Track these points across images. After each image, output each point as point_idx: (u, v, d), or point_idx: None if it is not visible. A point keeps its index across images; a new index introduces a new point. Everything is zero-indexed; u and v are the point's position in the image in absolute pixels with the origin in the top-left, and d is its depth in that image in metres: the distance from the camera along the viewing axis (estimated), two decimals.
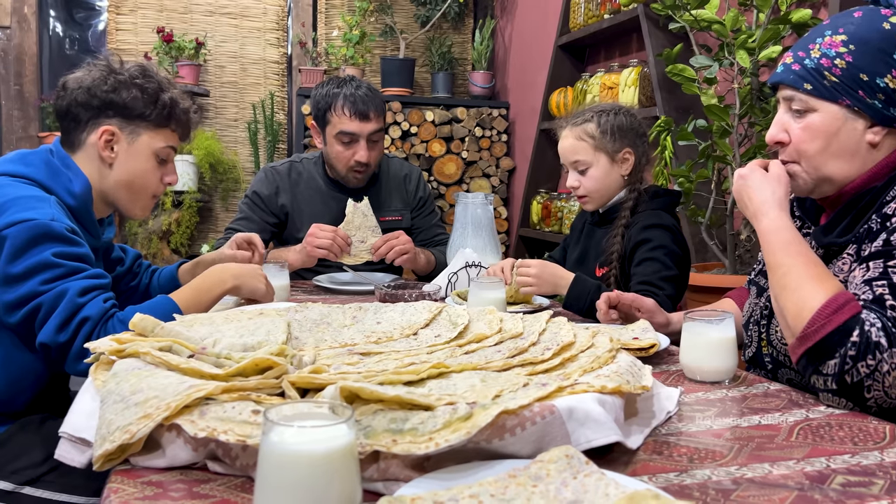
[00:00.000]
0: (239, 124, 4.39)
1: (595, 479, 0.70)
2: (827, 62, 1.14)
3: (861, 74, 1.12)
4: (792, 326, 1.06)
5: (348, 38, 4.07)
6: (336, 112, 2.20)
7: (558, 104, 3.43)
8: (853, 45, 1.13)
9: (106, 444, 0.77)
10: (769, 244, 1.14)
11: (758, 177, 1.19)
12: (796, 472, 0.79)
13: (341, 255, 2.07)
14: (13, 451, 1.34)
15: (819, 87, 1.15)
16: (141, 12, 4.18)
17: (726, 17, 2.18)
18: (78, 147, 1.52)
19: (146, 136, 1.54)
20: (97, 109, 1.50)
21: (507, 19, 4.37)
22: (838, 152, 1.16)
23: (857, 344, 0.99)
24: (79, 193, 1.47)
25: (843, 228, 1.18)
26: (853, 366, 1.00)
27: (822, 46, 1.16)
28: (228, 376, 0.86)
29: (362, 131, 2.20)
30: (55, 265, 1.32)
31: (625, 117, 1.85)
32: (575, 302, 1.66)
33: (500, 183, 4.23)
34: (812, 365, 1.04)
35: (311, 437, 0.62)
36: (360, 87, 2.23)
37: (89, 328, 1.30)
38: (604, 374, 0.90)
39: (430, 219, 2.48)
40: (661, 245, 1.74)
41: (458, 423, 0.74)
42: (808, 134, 1.17)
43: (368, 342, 1.11)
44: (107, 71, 1.52)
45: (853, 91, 1.13)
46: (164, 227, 3.94)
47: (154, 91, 1.54)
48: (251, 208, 2.31)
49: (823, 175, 1.18)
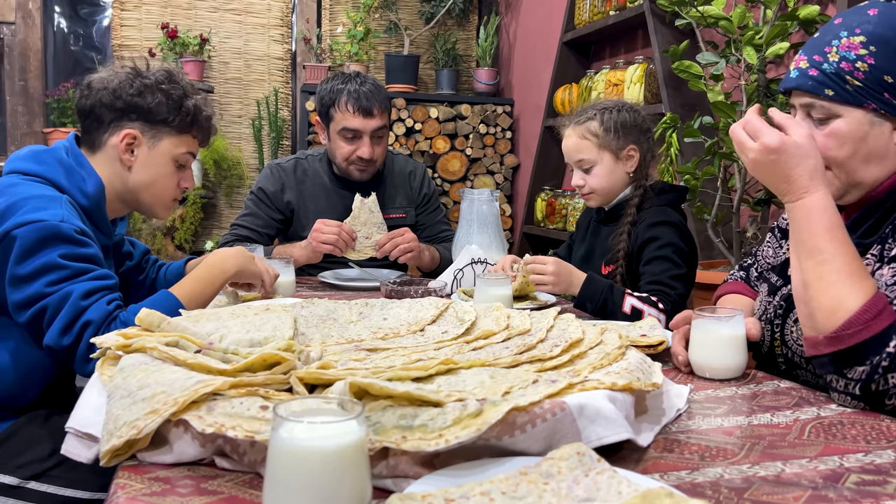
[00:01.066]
0: (243, 121, 4.38)
1: (607, 476, 0.69)
2: (848, 66, 1.09)
3: (885, 77, 1.07)
4: (821, 322, 1.00)
5: (352, 35, 4.06)
6: (339, 108, 2.19)
7: (563, 101, 3.42)
8: (874, 46, 1.08)
9: (113, 439, 0.76)
10: (812, 224, 1.03)
11: (792, 147, 1.05)
12: (809, 470, 0.78)
13: (346, 251, 2.07)
14: (19, 445, 1.34)
15: (842, 93, 1.10)
16: (145, 8, 4.17)
17: (733, 14, 2.17)
18: (98, 147, 1.53)
19: (167, 142, 1.55)
20: (121, 112, 1.51)
21: (511, 16, 4.35)
22: (868, 157, 1.11)
23: (893, 355, 0.96)
24: (91, 193, 1.47)
25: (869, 228, 1.14)
26: (883, 375, 0.96)
27: (841, 49, 1.10)
28: (236, 371, 0.85)
29: (365, 128, 2.19)
30: (61, 266, 1.32)
31: (628, 114, 1.83)
32: (588, 301, 1.65)
33: (505, 180, 4.22)
34: (836, 366, 1.00)
35: (322, 433, 0.62)
36: (364, 82, 2.21)
37: (92, 331, 1.29)
38: (614, 371, 0.90)
39: (435, 215, 2.47)
40: (669, 243, 1.73)
41: (468, 419, 0.73)
42: (834, 141, 1.11)
43: (375, 338, 1.10)
44: (133, 74, 1.53)
45: (878, 94, 1.08)
46: (168, 224, 3.94)
47: (179, 97, 1.55)
48: (256, 205, 2.30)
49: (855, 181, 1.13)
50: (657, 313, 1.61)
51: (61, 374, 1.47)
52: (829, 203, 1.05)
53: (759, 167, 1.08)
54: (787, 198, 1.07)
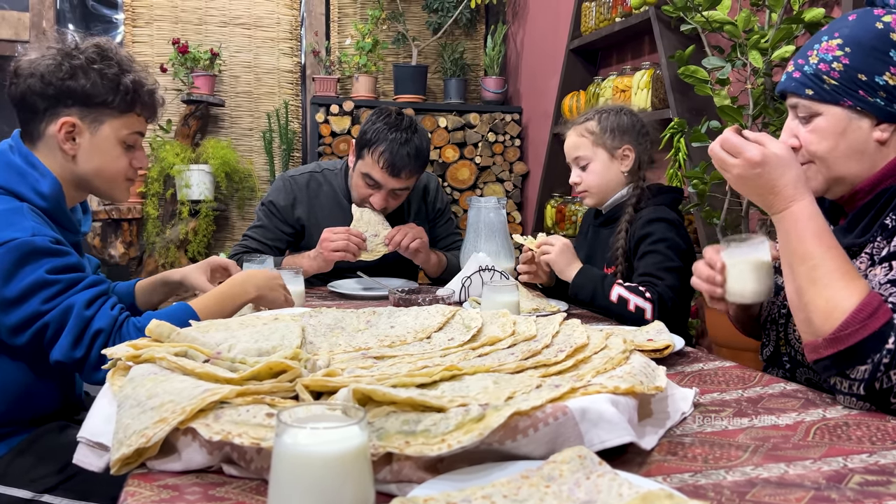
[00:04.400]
0: (254, 133, 4.42)
1: (608, 479, 0.69)
2: (825, 66, 1.16)
3: (859, 75, 1.14)
4: (819, 325, 1.02)
5: (361, 47, 4.09)
6: (373, 155, 2.09)
7: (571, 108, 3.43)
8: (848, 47, 1.15)
9: (123, 448, 0.78)
10: (801, 231, 1.07)
11: (774, 158, 1.10)
12: (813, 471, 0.78)
13: (359, 254, 2.07)
14: (32, 458, 1.34)
15: (820, 91, 1.17)
16: (156, 24, 4.23)
17: (738, 18, 2.17)
18: (38, 139, 1.42)
19: (110, 125, 1.43)
20: (54, 99, 1.38)
21: (518, 24, 4.37)
22: (847, 152, 1.16)
23: (893, 351, 0.97)
24: (48, 194, 1.38)
25: (863, 228, 1.17)
26: (885, 373, 0.98)
27: (820, 52, 1.18)
28: (243, 380, 0.87)
29: (387, 184, 2.12)
30: (52, 282, 1.28)
31: (626, 116, 1.91)
32: (580, 290, 1.72)
33: (514, 187, 4.23)
34: (838, 367, 1.01)
35: (324, 438, 0.63)
36: (408, 141, 2.09)
37: (103, 340, 1.28)
38: (617, 375, 0.90)
39: (448, 227, 2.49)
40: (663, 238, 1.76)
41: (471, 424, 0.74)
42: (815, 136, 1.18)
43: (382, 346, 1.11)
44: (61, 55, 1.39)
45: (853, 91, 1.14)
46: (181, 237, 3.98)
47: (115, 75, 1.42)
48: (267, 216, 2.31)
49: (836, 175, 1.18)
50: (643, 302, 1.65)
51: (66, 386, 1.47)
52: (816, 210, 1.09)
53: (743, 182, 1.13)
54: (775, 208, 1.11)
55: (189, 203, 3.98)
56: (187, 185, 3.95)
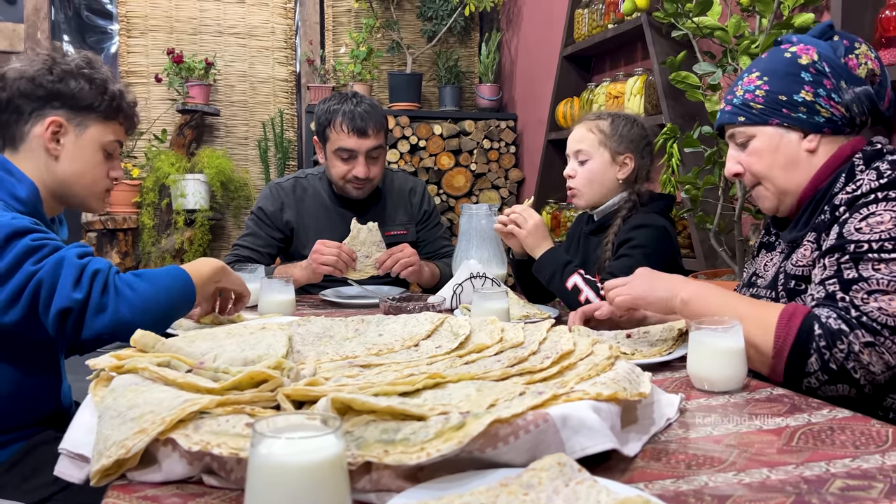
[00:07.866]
0: (249, 142, 4.43)
1: (587, 486, 0.69)
2: (750, 95, 1.35)
3: (780, 96, 1.32)
4: (763, 346, 1.16)
5: (356, 55, 4.11)
6: (335, 128, 2.21)
7: (565, 115, 3.44)
8: (766, 76, 1.34)
9: (102, 459, 0.77)
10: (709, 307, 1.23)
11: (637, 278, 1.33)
12: (794, 476, 0.78)
13: (346, 271, 2.08)
14: (26, 470, 1.34)
15: (750, 116, 1.35)
16: (151, 34, 4.25)
17: (728, 24, 2.18)
18: (20, 141, 1.44)
19: (94, 129, 1.48)
20: (42, 100, 1.42)
21: (512, 32, 4.39)
22: (785, 164, 1.33)
23: (823, 335, 1.12)
24: (26, 198, 1.39)
25: (803, 222, 1.33)
26: (830, 354, 1.11)
27: (743, 85, 1.37)
28: (224, 390, 0.86)
29: (360, 148, 2.20)
30: (39, 247, 1.27)
31: (638, 128, 1.94)
32: (541, 270, 1.77)
33: (509, 194, 4.23)
34: (797, 370, 1.13)
35: (299, 448, 0.62)
36: (360, 103, 2.22)
37: (102, 279, 1.26)
38: (600, 382, 0.90)
39: (436, 231, 2.49)
40: (641, 245, 1.77)
41: (450, 432, 0.74)
42: (754, 157, 1.36)
43: (369, 354, 1.11)
44: (51, 61, 1.44)
45: (778, 110, 1.32)
46: (176, 246, 3.98)
47: (102, 81, 1.47)
48: (257, 224, 2.33)
49: (781, 188, 1.35)
50: (594, 297, 1.67)
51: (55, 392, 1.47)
52: (701, 284, 1.28)
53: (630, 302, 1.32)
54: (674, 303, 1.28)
55: (184, 212, 3.99)
56: (183, 195, 3.96)
